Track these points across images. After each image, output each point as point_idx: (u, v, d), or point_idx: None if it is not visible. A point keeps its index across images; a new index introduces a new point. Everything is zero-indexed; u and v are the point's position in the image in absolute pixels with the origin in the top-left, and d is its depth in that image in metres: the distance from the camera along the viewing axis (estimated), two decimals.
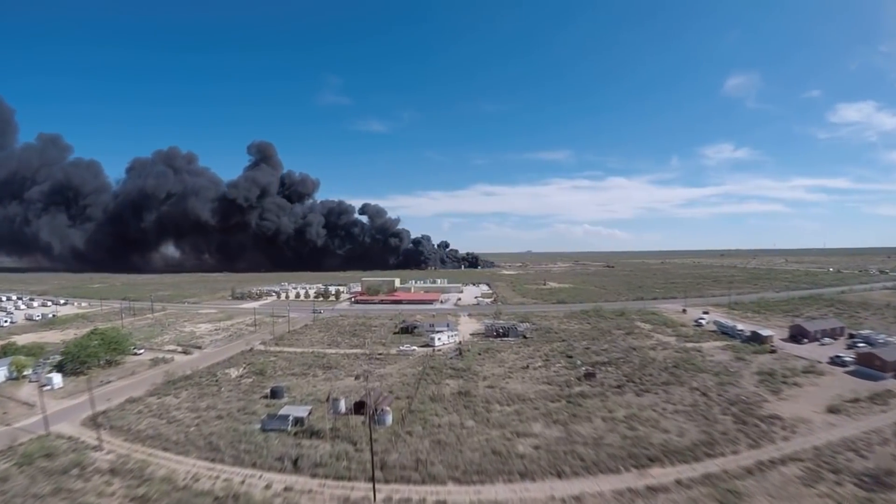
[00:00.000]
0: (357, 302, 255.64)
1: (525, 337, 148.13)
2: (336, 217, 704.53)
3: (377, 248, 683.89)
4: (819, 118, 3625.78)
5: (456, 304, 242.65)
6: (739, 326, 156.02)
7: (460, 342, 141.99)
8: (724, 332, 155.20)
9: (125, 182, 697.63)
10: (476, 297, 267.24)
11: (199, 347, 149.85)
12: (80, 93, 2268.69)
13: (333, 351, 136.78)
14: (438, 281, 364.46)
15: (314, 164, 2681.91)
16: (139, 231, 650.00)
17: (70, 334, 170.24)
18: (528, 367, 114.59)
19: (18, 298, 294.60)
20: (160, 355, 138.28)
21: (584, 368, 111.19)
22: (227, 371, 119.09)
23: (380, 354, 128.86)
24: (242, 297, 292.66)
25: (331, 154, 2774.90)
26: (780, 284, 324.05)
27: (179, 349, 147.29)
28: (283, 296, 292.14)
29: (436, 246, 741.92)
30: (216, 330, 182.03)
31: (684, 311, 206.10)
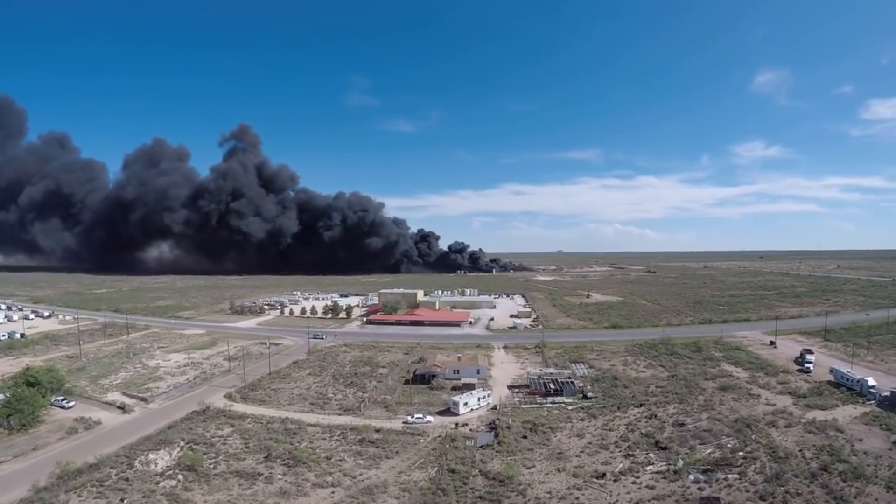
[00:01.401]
0: (370, 322, 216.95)
1: (586, 396, 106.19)
2: (311, 215, 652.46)
3: (355, 248, 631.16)
4: (851, 115, 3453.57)
5: (488, 328, 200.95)
6: (867, 379, 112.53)
7: (496, 406, 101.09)
8: (847, 387, 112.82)
9: (118, 181, 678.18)
10: (511, 317, 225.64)
11: (145, 400, 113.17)
12: (118, 89, 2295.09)
13: (314, 419, 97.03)
14: (468, 292, 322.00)
15: (343, 163, 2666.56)
16: (128, 232, 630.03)
17: (22, 364, 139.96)
18: (604, 474, 72.85)
19: (9, 308, 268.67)
20: (90, 413, 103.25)
21: (696, 480, 69.67)
22: (152, 457, 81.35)
23: (377, 432, 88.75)
24: (242, 312, 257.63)
25: (360, 154, 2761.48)
26: (853, 299, 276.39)
27: (119, 403, 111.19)
28: (287, 310, 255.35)
29: (447, 248, 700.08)
30: (186, 365, 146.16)
31: (773, 343, 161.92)
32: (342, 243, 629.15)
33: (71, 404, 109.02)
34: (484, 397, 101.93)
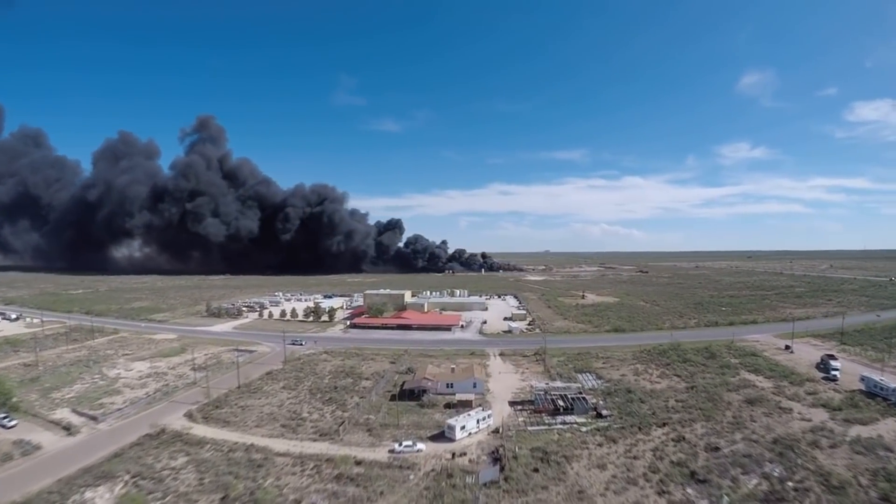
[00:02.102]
0: (354, 326, 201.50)
1: (600, 415, 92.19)
2: (273, 211, 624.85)
3: (313, 246, 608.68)
4: (836, 117, 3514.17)
5: (481, 333, 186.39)
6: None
7: (497, 428, 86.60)
8: (882, 396, 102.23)
9: (84, 180, 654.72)
10: (506, 320, 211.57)
11: (95, 419, 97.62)
12: (93, 87, 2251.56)
13: (285, 446, 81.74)
14: (458, 292, 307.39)
15: (331, 164, 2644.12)
16: (96, 233, 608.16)
17: None
18: None
19: None
20: (31, 435, 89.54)
21: None
22: (89, 495, 66.92)
23: (358, 464, 73.82)
24: (219, 315, 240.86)
25: (347, 154, 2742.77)
26: (856, 300, 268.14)
27: (65, 422, 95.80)
28: (266, 313, 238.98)
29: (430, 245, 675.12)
30: (148, 376, 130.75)
31: (788, 348, 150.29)
32: (300, 241, 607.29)
33: (13, 423, 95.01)
34: (483, 419, 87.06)
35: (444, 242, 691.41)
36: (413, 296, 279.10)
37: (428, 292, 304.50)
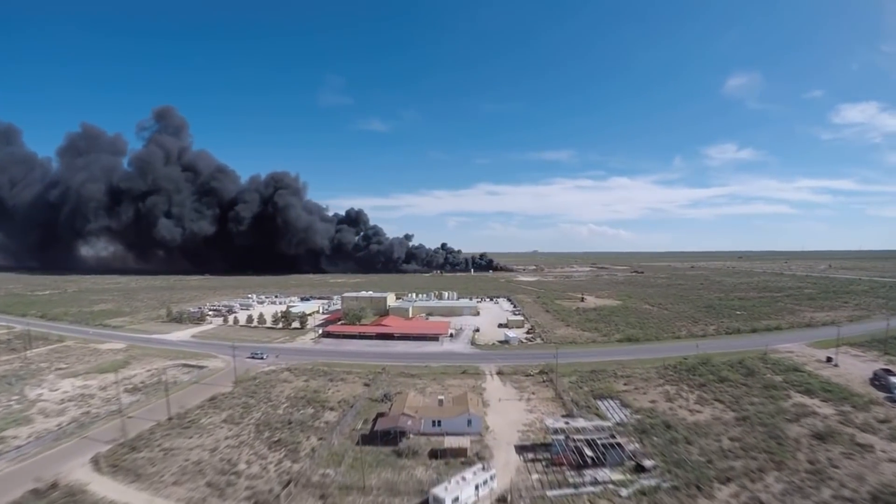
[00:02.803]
0: (328, 334, 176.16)
1: (641, 467, 67.82)
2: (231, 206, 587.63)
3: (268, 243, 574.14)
4: (822, 119, 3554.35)
5: (473, 343, 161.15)
6: None
7: (506, 497, 61.26)
8: None
9: (49, 178, 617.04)
10: (501, 327, 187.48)
11: None
12: (89, 81, 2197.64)
13: None
14: (446, 295, 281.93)
15: (318, 163, 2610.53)
16: (60, 232, 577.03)
17: None
18: None
19: None
20: None
21: None
22: None
23: None
24: (181, 320, 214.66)
25: (335, 154, 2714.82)
26: (872, 301, 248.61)
27: None
28: (232, 318, 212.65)
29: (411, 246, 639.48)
30: (72, 399, 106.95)
31: (830, 360, 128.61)
32: (255, 242, 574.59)
33: None
34: (484, 482, 61.96)
35: (407, 237, 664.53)
36: (397, 298, 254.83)
37: (413, 294, 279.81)
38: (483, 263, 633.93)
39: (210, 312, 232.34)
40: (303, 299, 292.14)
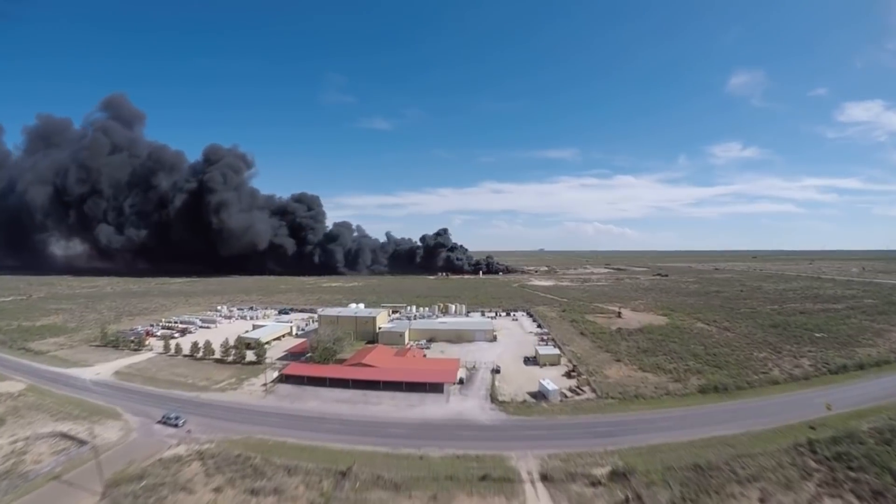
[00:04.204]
0: (287, 378, 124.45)
1: None
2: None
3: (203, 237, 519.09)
4: (827, 117, 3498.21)
5: (492, 399, 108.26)
6: None
7: None
8: None
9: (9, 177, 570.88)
10: (529, 364, 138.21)
11: None
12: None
13: None
14: (453, 309, 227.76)
15: (323, 162, 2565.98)
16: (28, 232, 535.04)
17: None
18: None
19: None
20: None
21: None
22: None
23: None
24: (116, 344, 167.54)
25: (339, 152, 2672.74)
26: None
27: None
28: (174, 344, 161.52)
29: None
30: None
31: None
32: (189, 233, 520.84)
33: None
34: None
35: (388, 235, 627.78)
36: (392, 313, 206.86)
37: (413, 308, 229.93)
38: (496, 267, 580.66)
39: (158, 333, 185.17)
40: (282, 311, 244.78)
